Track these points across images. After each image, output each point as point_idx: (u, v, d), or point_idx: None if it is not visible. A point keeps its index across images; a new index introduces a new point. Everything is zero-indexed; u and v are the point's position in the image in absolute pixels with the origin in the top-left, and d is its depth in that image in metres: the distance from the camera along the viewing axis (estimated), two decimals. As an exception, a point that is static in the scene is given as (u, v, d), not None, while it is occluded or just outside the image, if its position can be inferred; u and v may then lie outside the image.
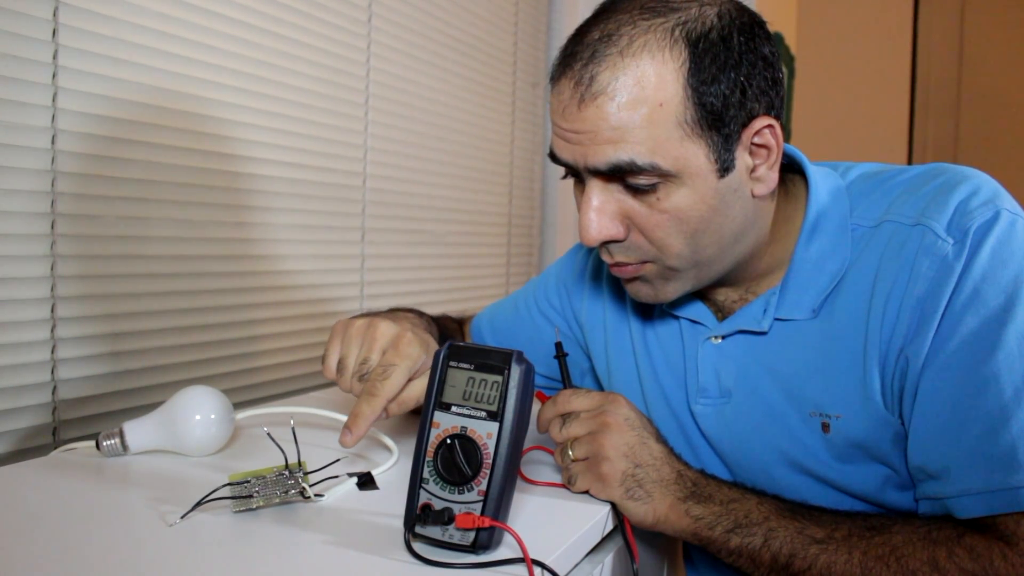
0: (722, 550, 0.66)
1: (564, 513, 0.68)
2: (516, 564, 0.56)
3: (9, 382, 0.83)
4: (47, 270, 0.87)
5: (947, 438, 0.62)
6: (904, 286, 0.65)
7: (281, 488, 0.65)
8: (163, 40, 0.96)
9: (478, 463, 0.56)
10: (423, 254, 1.53)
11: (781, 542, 0.64)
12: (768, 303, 0.74)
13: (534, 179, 1.95)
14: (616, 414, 0.70)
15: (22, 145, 0.83)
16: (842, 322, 0.70)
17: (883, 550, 0.61)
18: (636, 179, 0.66)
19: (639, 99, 0.63)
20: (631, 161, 0.65)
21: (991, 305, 0.62)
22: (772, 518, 0.65)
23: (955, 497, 0.61)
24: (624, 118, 0.64)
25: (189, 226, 1.03)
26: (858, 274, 0.70)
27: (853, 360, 0.68)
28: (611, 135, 0.65)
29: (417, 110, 1.47)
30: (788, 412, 0.72)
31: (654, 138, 0.64)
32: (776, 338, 0.74)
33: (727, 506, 0.66)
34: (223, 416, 0.78)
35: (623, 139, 0.64)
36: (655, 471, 0.68)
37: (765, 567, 0.65)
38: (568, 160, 0.70)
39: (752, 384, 0.75)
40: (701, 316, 0.80)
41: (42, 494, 0.67)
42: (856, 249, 0.71)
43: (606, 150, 0.65)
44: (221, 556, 0.56)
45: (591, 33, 0.66)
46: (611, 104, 0.64)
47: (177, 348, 1.02)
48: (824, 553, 0.63)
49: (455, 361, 0.59)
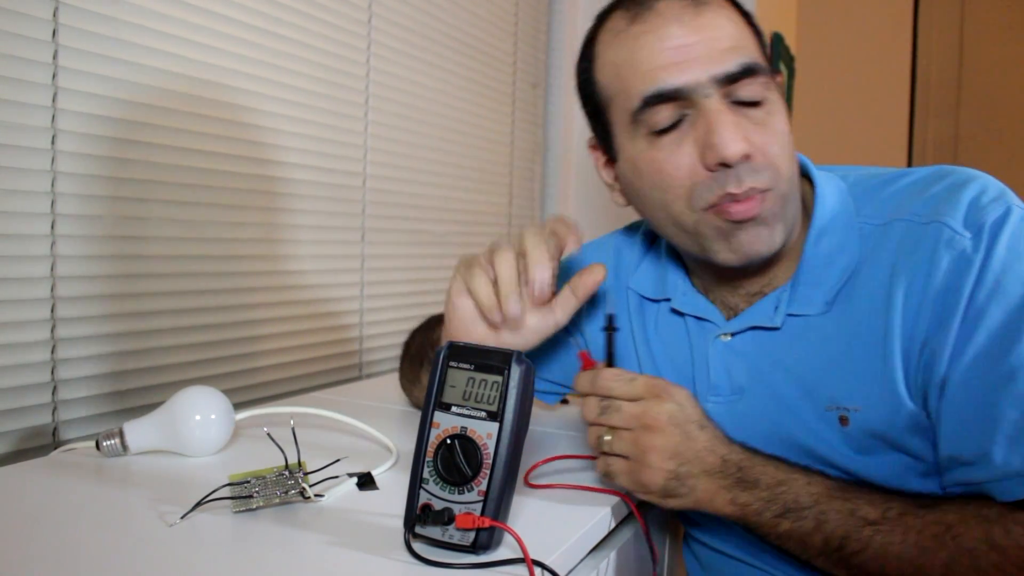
0: (770, 534, 0.66)
1: (564, 513, 0.68)
2: (516, 564, 0.56)
3: (9, 382, 0.83)
4: (47, 270, 0.87)
5: (982, 426, 0.62)
6: (924, 280, 0.65)
7: (281, 488, 0.65)
8: (163, 40, 0.96)
9: (478, 463, 0.56)
10: (423, 254, 1.53)
11: (834, 525, 0.63)
12: (779, 300, 0.74)
13: (534, 179, 1.95)
14: (659, 414, 0.66)
15: (22, 145, 0.83)
16: (859, 317, 0.70)
17: (938, 528, 0.61)
18: (753, 89, 0.68)
19: (736, 16, 0.70)
20: (755, 62, 0.68)
21: (1012, 295, 0.62)
22: (822, 500, 0.64)
23: (996, 481, 0.61)
24: (735, 20, 0.69)
25: (189, 226, 1.03)
26: (872, 270, 0.70)
27: (872, 353, 0.68)
28: (731, 40, 0.68)
29: (417, 110, 1.47)
30: (803, 407, 0.72)
31: (754, 46, 0.70)
32: (789, 334, 0.74)
33: (774, 490, 0.65)
34: (223, 416, 0.78)
35: (740, 44, 0.68)
36: (698, 464, 0.66)
37: (815, 549, 0.64)
38: (685, 81, 0.67)
39: (765, 380, 0.75)
40: (709, 314, 0.79)
41: (42, 494, 0.67)
42: (866, 246, 0.71)
43: (731, 54, 0.67)
44: (221, 556, 0.56)
45: None
46: (724, 8, 0.69)
47: (177, 348, 1.02)
48: (879, 534, 0.62)
49: (455, 361, 0.59)
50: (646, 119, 0.70)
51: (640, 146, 0.72)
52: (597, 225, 2.02)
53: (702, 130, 0.68)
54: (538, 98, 1.94)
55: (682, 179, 0.70)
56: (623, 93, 0.72)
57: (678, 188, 0.70)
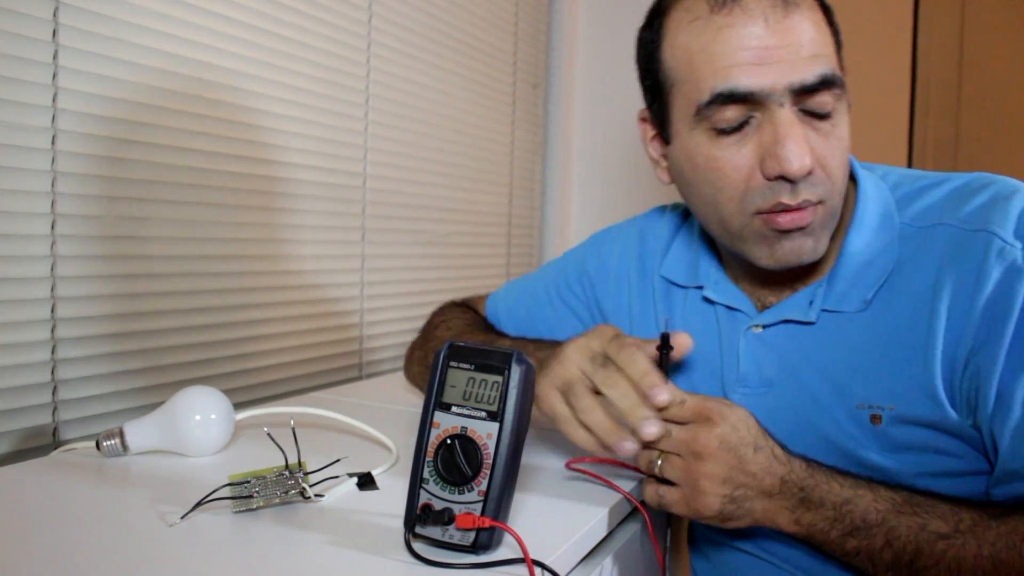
0: (836, 551, 0.64)
1: (565, 513, 0.68)
2: (516, 564, 0.55)
3: (9, 382, 0.83)
4: (47, 270, 0.87)
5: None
6: (973, 288, 0.64)
7: (281, 488, 0.65)
8: (163, 40, 0.96)
9: (478, 463, 0.56)
10: (423, 254, 1.53)
11: (904, 541, 0.61)
12: (815, 295, 0.74)
13: (534, 179, 1.95)
14: (709, 440, 0.63)
15: (22, 145, 0.83)
16: (899, 318, 0.69)
17: (1013, 538, 0.59)
18: (825, 101, 0.66)
19: (819, 16, 0.68)
20: (834, 74, 0.66)
21: None
22: (891, 516, 0.62)
23: None
24: (822, 25, 0.67)
25: (189, 226, 1.03)
26: (914, 272, 0.69)
27: (912, 356, 0.67)
28: (814, 47, 0.65)
29: (417, 110, 1.47)
30: (833, 404, 0.72)
31: (833, 51, 0.68)
32: (823, 330, 0.73)
33: (840, 509, 0.63)
34: (223, 416, 0.78)
35: (822, 51, 0.66)
36: (755, 487, 0.64)
37: (884, 566, 0.62)
38: (761, 85, 0.65)
39: (795, 375, 0.74)
40: (741, 304, 0.79)
41: (42, 494, 0.67)
42: (907, 248, 0.70)
43: (811, 63, 0.65)
44: (221, 556, 0.56)
45: None
46: (812, 12, 0.66)
47: (177, 348, 1.02)
48: (952, 548, 0.60)
49: (455, 361, 0.59)
50: (712, 115, 0.68)
51: (699, 139, 0.70)
52: (597, 225, 2.02)
53: (768, 137, 0.66)
54: (538, 98, 1.94)
55: (738, 182, 0.69)
56: (692, 82, 0.69)
57: (732, 190, 0.69)
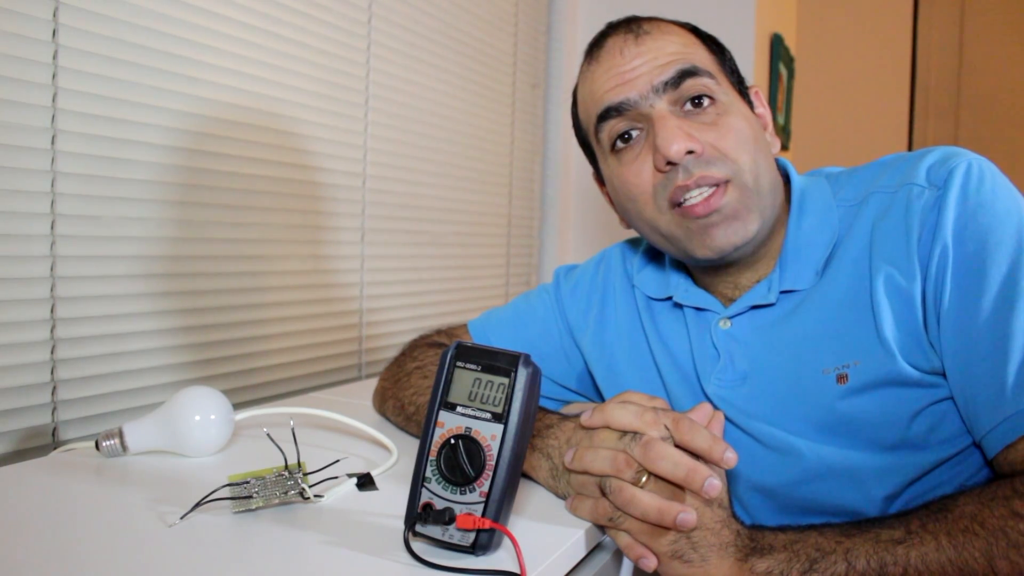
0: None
1: (565, 514, 0.68)
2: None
3: (9, 382, 0.83)
4: (47, 270, 0.86)
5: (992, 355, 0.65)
6: (904, 236, 0.70)
7: (281, 489, 0.65)
8: (162, 40, 0.96)
9: (481, 464, 0.56)
10: (423, 254, 1.53)
11: (867, 557, 0.60)
12: (771, 281, 0.78)
13: (534, 180, 1.95)
14: None
15: (22, 145, 0.83)
16: (845, 282, 0.74)
17: (964, 522, 0.60)
18: (693, 86, 0.74)
19: (684, 37, 0.78)
20: (695, 66, 0.74)
21: (983, 225, 0.67)
22: (843, 540, 0.62)
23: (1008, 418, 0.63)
24: (680, 41, 0.77)
25: (188, 226, 1.03)
26: (853, 240, 0.75)
27: (863, 311, 0.72)
28: (672, 55, 0.75)
29: (417, 110, 1.47)
30: (803, 377, 0.75)
31: (703, 57, 0.77)
32: (783, 309, 0.78)
33: (792, 548, 0.62)
34: (223, 416, 0.78)
35: (682, 54, 0.75)
36: (714, 535, 0.62)
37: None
38: (630, 95, 0.75)
39: (765, 360, 0.78)
40: (708, 303, 0.82)
41: (41, 494, 0.67)
42: (846, 221, 0.76)
43: (670, 65, 0.74)
44: (221, 556, 0.56)
45: None
46: (667, 34, 0.77)
47: (177, 348, 1.02)
48: (912, 548, 0.60)
49: (462, 361, 0.59)
50: (604, 137, 0.78)
51: (612, 165, 0.79)
52: (597, 225, 2.02)
53: (651, 137, 0.74)
54: (538, 99, 1.94)
55: (644, 186, 0.76)
56: (588, 122, 0.81)
57: (644, 194, 0.76)
